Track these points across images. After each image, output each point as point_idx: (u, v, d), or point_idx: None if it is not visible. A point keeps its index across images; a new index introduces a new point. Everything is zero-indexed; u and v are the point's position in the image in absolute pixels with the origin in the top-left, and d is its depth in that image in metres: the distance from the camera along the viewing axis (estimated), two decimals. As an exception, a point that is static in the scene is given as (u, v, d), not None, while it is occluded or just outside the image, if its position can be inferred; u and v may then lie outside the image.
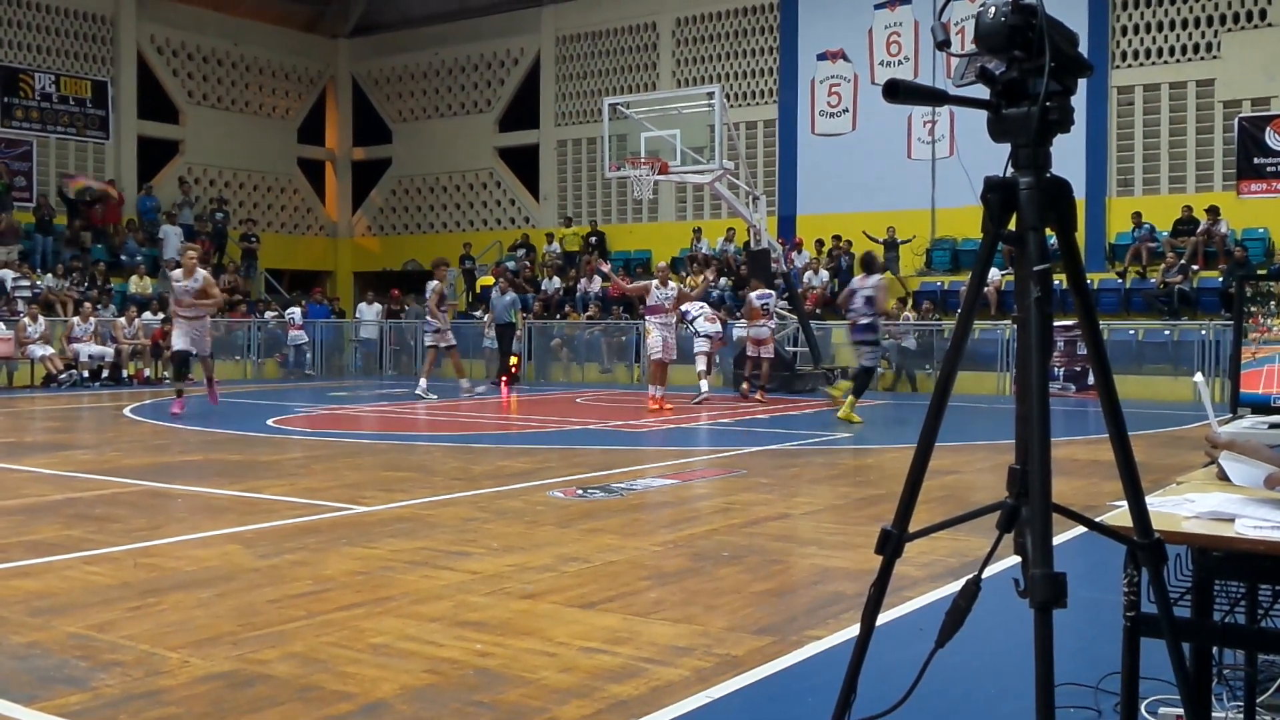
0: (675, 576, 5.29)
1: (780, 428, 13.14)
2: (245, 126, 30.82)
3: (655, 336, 15.59)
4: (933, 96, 2.25)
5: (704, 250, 25.34)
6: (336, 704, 3.53)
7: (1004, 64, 2.11)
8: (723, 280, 23.93)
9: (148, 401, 16.94)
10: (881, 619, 2.33)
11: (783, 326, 20.40)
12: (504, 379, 20.68)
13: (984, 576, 2.12)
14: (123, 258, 25.93)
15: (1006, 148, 2.10)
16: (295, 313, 25.25)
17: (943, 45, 2.31)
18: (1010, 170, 2.09)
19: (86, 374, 20.87)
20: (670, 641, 4.19)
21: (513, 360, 22.51)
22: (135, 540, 6.20)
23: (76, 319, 21.21)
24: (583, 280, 25.63)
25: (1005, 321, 18.81)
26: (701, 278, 21.38)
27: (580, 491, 7.87)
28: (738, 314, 22.12)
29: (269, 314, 26.32)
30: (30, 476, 8.80)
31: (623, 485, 8.17)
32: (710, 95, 19.72)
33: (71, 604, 4.79)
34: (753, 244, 19.95)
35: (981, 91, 2.15)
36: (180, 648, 4.11)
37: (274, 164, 31.72)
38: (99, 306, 22.42)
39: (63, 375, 20.47)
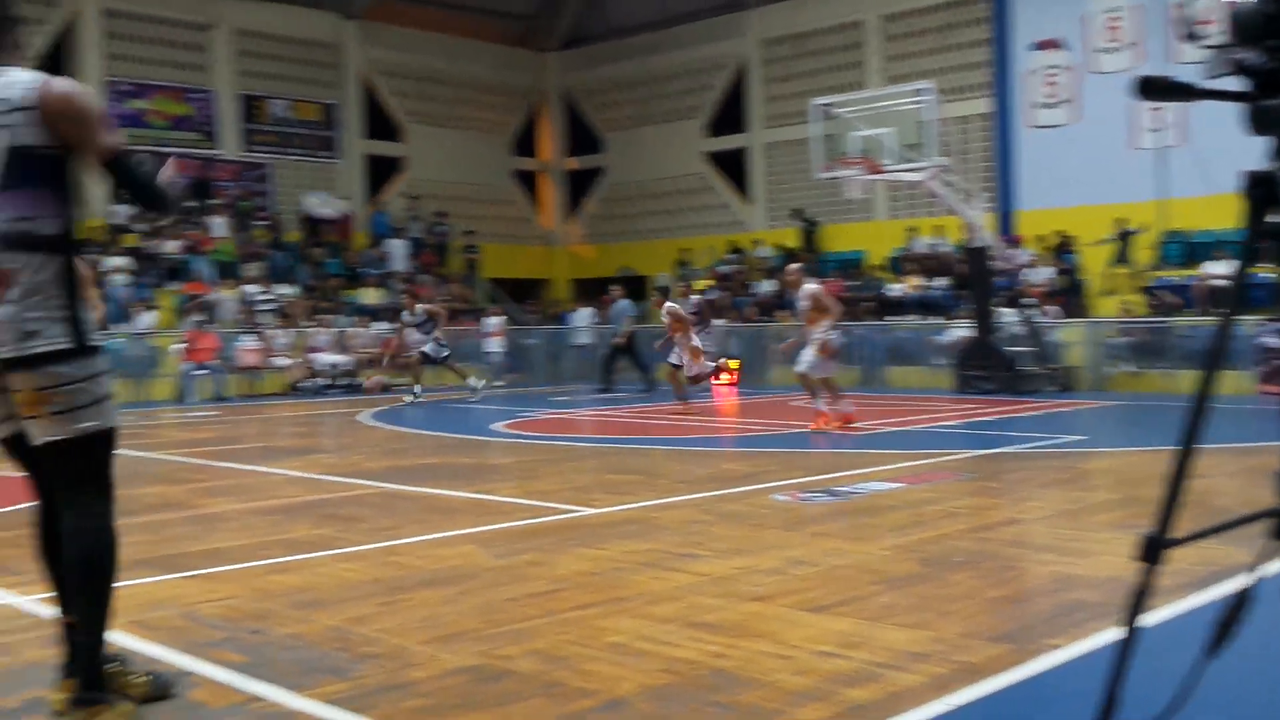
0: (905, 581, 5.25)
1: (1006, 430, 12.81)
2: (462, 142, 31.95)
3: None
4: (1183, 92, 2.20)
5: (918, 249, 24.91)
6: (579, 700, 3.65)
7: (1261, 55, 2.05)
8: (940, 280, 23.46)
9: (383, 408, 17.76)
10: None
11: (1002, 326, 19.86)
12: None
13: (1250, 585, 2.06)
14: (358, 271, 27.24)
15: (1242, 133, 2.03)
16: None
17: (1191, 38, 2.26)
18: (1271, 162, 2.03)
19: (326, 381, 22.06)
20: (904, 647, 4.16)
21: (732, 363, 22.25)
22: (380, 539, 6.53)
23: (317, 329, 22.44)
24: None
25: (1250, 317, 17.72)
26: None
27: (803, 495, 7.87)
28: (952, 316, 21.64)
29: (494, 320, 27.16)
30: (283, 479, 9.36)
31: (846, 489, 8.13)
32: (920, 91, 19.36)
33: (328, 599, 5.09)
34: (970, 242, 19.49)
35: (1230, 83, 2.09)
36: (428, 642, 4.32)
37: (491, 177, 32.79)
38: (334, 317, 23.64)
39: (305, 383, 21.69)
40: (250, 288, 24.02)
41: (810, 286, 12.93)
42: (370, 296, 26.05)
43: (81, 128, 3.37)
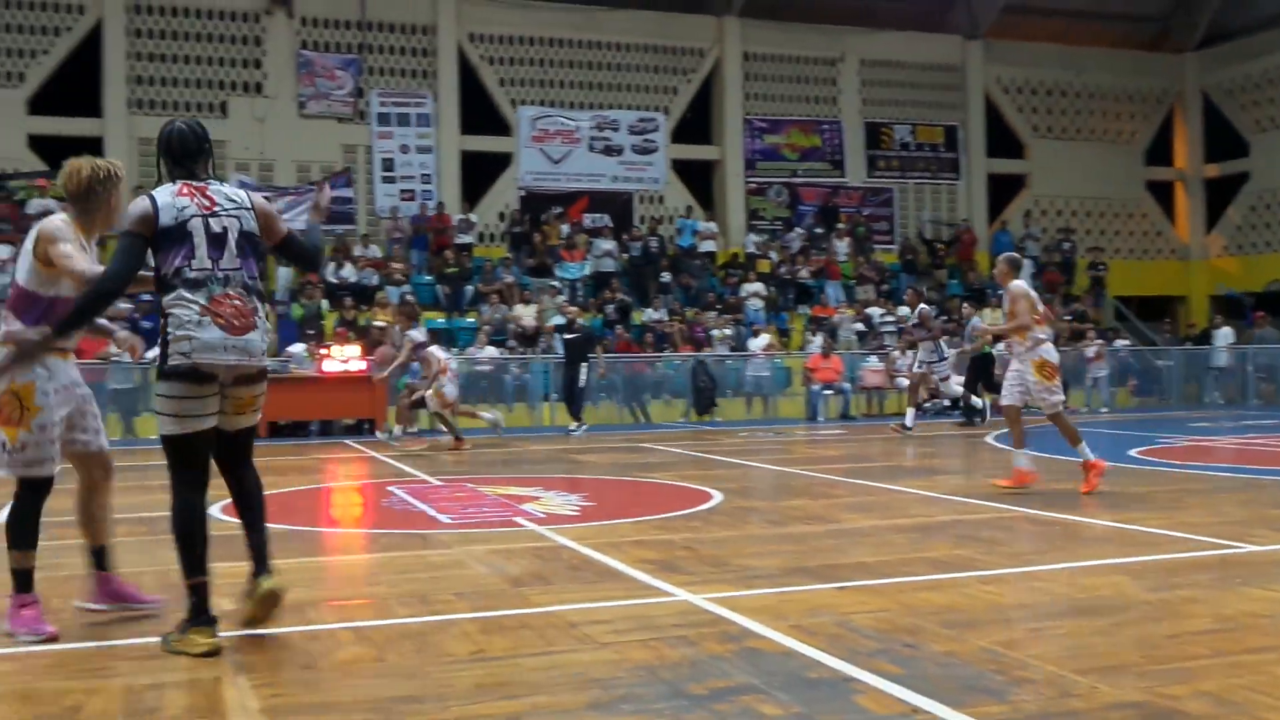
0: None
1: None
2: (1089, 154, 30.75)
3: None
4: None
5: None
6: (1262, 751, 3.40)
7: None
8: None
9: (1005, 430, 17.50)
10: None
11: None
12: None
13: None
14: (981, 290, 27.14)
15: None
16: None
17: None
18: None
19: (948, 402, 22.12)
20: None
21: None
22: (1021, 564, 6.46)
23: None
24: None
25: None
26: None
27: None
28: None
29: (1119, 342, 25.89)
30: (914, 498, 9.56)
31: None
32: None
33: (976, 619, 5.12)
34: None
35: None
36: (1086, 672, 4.21)
37: (1120, 189, 31.24)
38: (956, 339, 23.68)
39: (927, 404, 21.92)
40: (873, 310, 24.74)
41: (1015, 284, 9.81)
42: (991, 317, 25.78)
43: (272, 222, 5.05)
